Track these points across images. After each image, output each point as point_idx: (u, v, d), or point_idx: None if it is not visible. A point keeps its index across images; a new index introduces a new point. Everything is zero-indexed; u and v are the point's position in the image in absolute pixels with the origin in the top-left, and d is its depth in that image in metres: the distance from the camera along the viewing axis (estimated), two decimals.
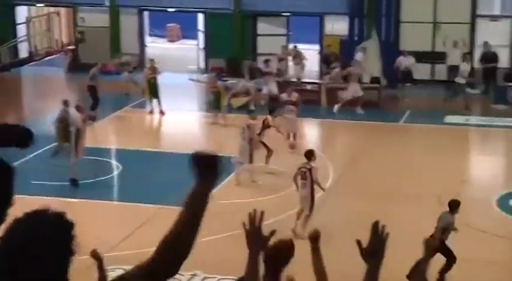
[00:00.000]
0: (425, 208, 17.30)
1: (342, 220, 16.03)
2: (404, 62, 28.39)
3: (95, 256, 8.82)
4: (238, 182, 17.96)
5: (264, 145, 19.33)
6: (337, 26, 31.52)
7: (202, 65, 32.05)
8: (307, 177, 14.97)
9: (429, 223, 15.80)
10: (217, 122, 24.06)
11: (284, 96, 22.71)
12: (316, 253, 5.93)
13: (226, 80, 28.05)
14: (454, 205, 12.96)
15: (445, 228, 13.42)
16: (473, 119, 25.43)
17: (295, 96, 22.94)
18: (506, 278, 15.27)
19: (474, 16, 30.49)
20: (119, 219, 16.69)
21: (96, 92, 24.33)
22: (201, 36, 32.57)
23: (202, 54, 32.28)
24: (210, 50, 31.92)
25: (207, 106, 25.91)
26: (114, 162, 20.04)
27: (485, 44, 29.16)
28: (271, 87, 25.88)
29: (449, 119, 25.19)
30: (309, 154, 15.44)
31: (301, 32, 32.74)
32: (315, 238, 5.81)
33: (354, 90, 25.57)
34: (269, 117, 20.41)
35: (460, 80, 27.01)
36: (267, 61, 27.76)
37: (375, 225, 4.01)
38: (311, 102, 26.13)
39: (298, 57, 28.76)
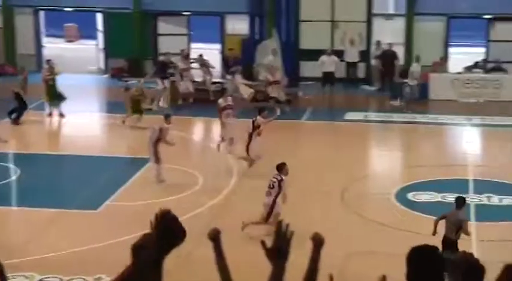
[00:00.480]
0: (328, 203, 17.50)
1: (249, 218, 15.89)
2: (328, 61, 28.28)
3: None
4: (158, 180, 17.85)
5: (247, 149, 19.41)
6: (239, 26, 31.70)
7: (102, 65, 31.61)
8: (274, 187, 15.00)
9: (334, 218, 15.97)
10: (136, 125, 23.35)
11: (221, 101, 22.30)
12: (217, 252, 5.54)
13: (127, 81, 27.53)
14: (460, 202, 12.74)
15: (457, 227, 13.30)
16: (372, 115, 25.93)
17: (231, 100, 22.66)
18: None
19: (370, 15, 31.00)
20: (19, 225, 16.33)
21: (21, 98, 23.67)
22: (100, 36, 32.06)
23: (102, 55, 31.79)
24: (110, 50, 31.61)
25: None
26: (11, 166, 19.43)
27: (378, 42, 29.92)
28: (187, 84, 25.85)
29: (350, 115, 25.46)
30: (281, 166, 15.34)
31: (203, 32, 33.06)
32: (214, 237, 5.43)
33: (277, 93, 25.42)
34: (258, 117, 20.18)
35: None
36: (186, 56, 27.53)
37: (279, 224, 3.99)
38: (213, 102, 26.00)
39: (205, 66, 28.40)
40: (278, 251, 3.82)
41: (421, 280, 4.85)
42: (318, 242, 5.38)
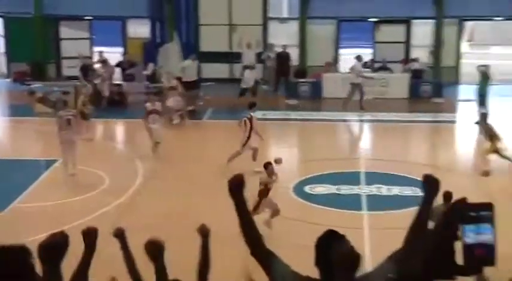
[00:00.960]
0: (226, 200, 17.48)
1: (155, 221, 15.32)
2: (250, 76, 27.58)
3: None
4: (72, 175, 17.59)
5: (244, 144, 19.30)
6: (140, 30, 31.74)
7: (4, 69, 31.04)
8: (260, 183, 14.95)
9: (232, 213, 16.08)
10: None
11: (148, 105, 21.84)
12: (124, 248, 5.82)
13: (30, 84, 27.09)
14: (448, 196, 12.53)
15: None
16: (270, 114, 25.83)
17: (159, 105, 22.30)
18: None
19: (266, 18, 31.33)
20: None
21: None
22: (1, 40, 31.44)
23: (3, 59, 31.24)
24: (11, 55, 31.06)
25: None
26: None
27: (271, 45, 30.30)
28: (105, 87, 25.59)
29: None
30: (267, 164, 15.25)
31: (105, 36, 32.58)
32: (119, 235, 5.66)
33: (175, 101, 24.71)
34: (252, 114, 19.91)
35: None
36: (104, 62, 27.05)
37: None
38: (117, 104, 26.22)
39: (105, 64, 27.88)
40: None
41: (329, 264, 4.71)
42: (203, 233, 5.74)
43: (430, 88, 28.12)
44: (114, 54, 31.80)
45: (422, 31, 31.48)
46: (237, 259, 10.90)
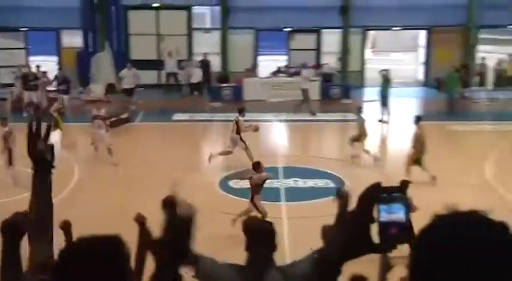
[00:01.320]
0: (163, 194, 17.69)
1: (93, 213, 15.39)
2: (195, 73, 28.62)
3: None
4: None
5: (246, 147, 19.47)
6: (74, 40, 31.13)
7: None
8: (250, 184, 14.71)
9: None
10: None
11: (94, 111, 21.56)
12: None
13: None
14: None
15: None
16: (197, 116, 26.23)
17: (103, 111, 21.88)
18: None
19: (190, 29, 31.84)
20: None
21: None
22: None
23: None
24: None
25: None
26: None
27: (192, 54, 30.98)
28: (38, 96, 25.45)
29: (177, 116, 25.92)
30: (255, 165, 14.87)
31: (40, 46, 32.08)
32: (64, 227, 5.44)
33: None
34: (239, 117, 20.01)
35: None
36: (43, 73, 27.02)
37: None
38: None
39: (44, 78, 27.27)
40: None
41: (257, 248, 4.77)
42: (139, 221, 5.68)
43: (339, 91, 28.87)
44: (49, 63, 31.56)
45: (331, 39, 31.72)
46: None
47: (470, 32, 31.21)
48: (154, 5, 30.91)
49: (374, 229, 2.25)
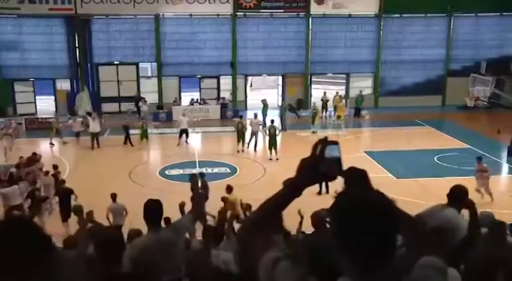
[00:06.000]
0: (121, 182, 16.78)
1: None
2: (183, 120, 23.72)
3: None
4: None
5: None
6: (64, 85, 30.24)
7: None
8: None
9: (125, 190, 14.96)
10: None
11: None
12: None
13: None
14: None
15: None
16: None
17: (13, 127, 21.16)
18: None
19: (138, 77, 30.44)
20: None
21: None
22: None
23: None
24: None
25: None
26: None
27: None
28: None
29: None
30: (227, 189, 13.15)
31: (43, 89, 30.66)
32: (79, 211, 4.87)
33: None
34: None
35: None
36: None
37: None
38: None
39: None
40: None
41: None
42: (86, 214, 4.95)
43: (231, 113, 28.34)
44: (48, 101, 31.04)
45: (226, 82, 30.88)
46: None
47: (306, 77, 31.39)
48: (115, 62, 30.15)
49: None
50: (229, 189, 13.38)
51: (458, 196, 4.97)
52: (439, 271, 1.77)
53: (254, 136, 21.94)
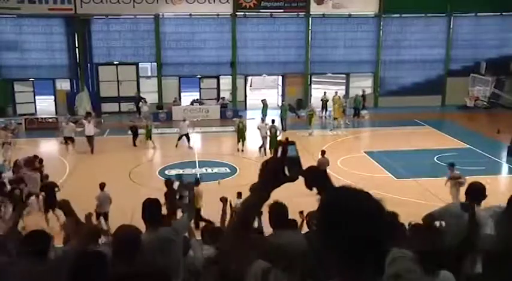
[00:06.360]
0: (123, 182, 16.88)
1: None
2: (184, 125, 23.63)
3: None
4: None
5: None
6: (64, 84, 30.28)
7: None
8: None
9: (126, 190, 15.49)
10: None
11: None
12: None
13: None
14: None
15: None
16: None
17: (11, 131, 20.60)
18: None
19: (138, 77, 30.36)
20: None
21: None
22: None
23: None
24: None
25: None
26: None
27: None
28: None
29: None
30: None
31: (42, 89, 30.51)
32: (66, 206, 4.31)
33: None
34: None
35: None
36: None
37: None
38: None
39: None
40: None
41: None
42: (64, 208, 4.39)
43: (231, 113, 28.30)
44: (48, 101, 31.01)
45: (226, 82, 30.82)
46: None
47: (306, 77, 31.35)
48: (115, 62, 30.10)
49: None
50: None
51: (477, 193, 5.03)
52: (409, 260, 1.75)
53: (264, 140, 21.36)
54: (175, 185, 13.16)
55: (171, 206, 12.33)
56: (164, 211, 11.82)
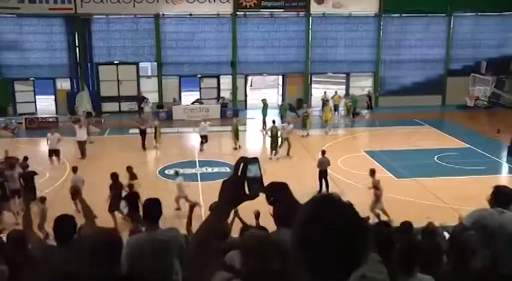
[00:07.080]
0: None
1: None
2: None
3: None
4: None
5: None
6: (65, 84, 30.26)
7: None
8: None
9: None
10: None
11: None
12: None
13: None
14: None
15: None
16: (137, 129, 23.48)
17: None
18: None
19: (138, 76, 30.40)
20: None
21: None
22: None
23: None
24: None
25: None
26: None
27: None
28: None
29: (131, 130, 23.93)
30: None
31: (43, 89, 30.56)
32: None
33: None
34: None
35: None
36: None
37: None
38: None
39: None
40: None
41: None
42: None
43: (231, 112, 28.07)
44: (48, 100, 30.95)
45: (226, 81, 30.86)
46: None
47: (306, 77, 31.34)
48: (115, 62, 30.10)
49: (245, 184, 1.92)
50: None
51: (505, 197, 4.75)
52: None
53: (285, 141, 21.02)
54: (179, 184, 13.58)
55: (114, 198, 13.77)
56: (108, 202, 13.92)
